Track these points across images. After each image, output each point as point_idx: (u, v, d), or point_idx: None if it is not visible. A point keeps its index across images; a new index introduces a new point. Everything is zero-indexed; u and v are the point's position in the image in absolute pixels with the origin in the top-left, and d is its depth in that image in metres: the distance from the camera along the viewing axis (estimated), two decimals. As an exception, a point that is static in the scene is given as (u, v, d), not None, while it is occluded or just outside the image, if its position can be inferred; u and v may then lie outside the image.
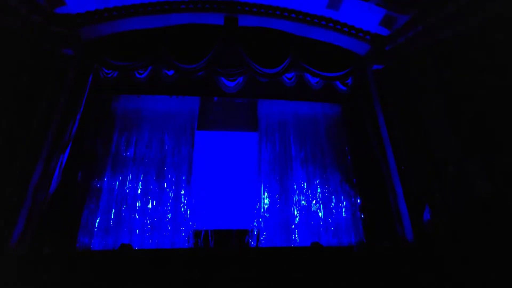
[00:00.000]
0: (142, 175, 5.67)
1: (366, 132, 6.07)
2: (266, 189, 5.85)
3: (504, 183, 3.83)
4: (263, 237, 5.47)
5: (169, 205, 5.53)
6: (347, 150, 6.32)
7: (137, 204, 5.44)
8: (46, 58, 5.06)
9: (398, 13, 5.35)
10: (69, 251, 4.76)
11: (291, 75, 6.32)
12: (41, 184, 4.65)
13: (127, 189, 5.53)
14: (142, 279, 4.08)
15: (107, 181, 5.52)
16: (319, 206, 5.80)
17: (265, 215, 5.65)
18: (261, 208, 5.70)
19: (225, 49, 5.90)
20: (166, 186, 5.66)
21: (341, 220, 5.71)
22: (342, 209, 5.81)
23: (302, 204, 5.78)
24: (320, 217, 5.71)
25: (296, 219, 5.65)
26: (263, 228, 5.55)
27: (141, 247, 5.09)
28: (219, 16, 5.86)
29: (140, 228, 5.29)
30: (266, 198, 5.78)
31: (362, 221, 5.67)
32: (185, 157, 5.93)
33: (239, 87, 6.15)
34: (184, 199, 5.62)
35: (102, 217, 5.25)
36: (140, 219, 5.35)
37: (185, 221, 5.47)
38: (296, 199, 5.80)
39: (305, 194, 5.87)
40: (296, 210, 5.71)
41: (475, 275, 3.83)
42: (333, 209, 5.80)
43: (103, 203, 5.35)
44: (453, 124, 4.57)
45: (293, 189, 5.87)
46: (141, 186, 5.59)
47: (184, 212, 5.53)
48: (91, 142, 5.67)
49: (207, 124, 6.44)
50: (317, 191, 5.93)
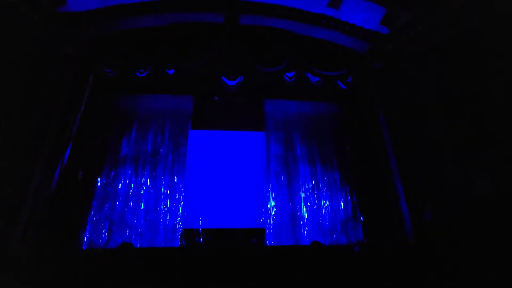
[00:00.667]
0: (142, 174, 5.66)
1: (367, 131, 6.08)
2: (270, 189, 5.87)
3: (504, 183, 3.83)
4: (268, 235, 5.50)
5: (169, 205, 5.53)
6: (348, 149, 6.33)
7: (139, 204, 5.44)
8: (46, 58, 5.03)
9: (398, 12, 5.34)
10: (70, 250, 4.75)
11: (292, 74, 6.30)
12: (42, 183, 4.63)
13: (128, 188, 5.53)
14: (144, 278, 4.08)
15: (107, 180, 5.51)
16: (319, 206, 5.80)
17: (270, 213, 5.68)
18: (268, 207, 5.72)
19: (225, 47, 5.88)
20: (165, 184, 5.66)
21: (341, 220, 5.72)
22: (343, 208, 5.82)
23: (306, 203, 5.79)
24: (320, 217, 5.72)
25: (301, 220, 5.66)
26: (267, 228, 5.58)
27: (141, 246, 5.09)
28: (219, 15, 5.84)
29: (140, 227, 5.29)
30: (271, 198, 5.80)
31: (363, 220, 5.69)
32: (185, 156, 5.94)
33: (239, 86, 6.15)
34: (184, 199, 5.62)
35: (102, 216, 5.25)
36: (140, 219, 5.35)
37: (185, 221, 5.48)
38: (299, 198, 5.83)
39: (305, 194, 5.87)
40: (299, 210, 5.72)
41: (475, 275, 3.85)
42: (333, 209, 5.80)
43: (104, 202, 5.34)
44: (453, 124, 4.57)
45: (297, 188, 5.90)
46: (144, 185, 5.59)
47: (184, 212, 5.54)
48: (91, 141, 5.66)
49: (207, 124, 6.43)
50: (316, 190, 5.93)
